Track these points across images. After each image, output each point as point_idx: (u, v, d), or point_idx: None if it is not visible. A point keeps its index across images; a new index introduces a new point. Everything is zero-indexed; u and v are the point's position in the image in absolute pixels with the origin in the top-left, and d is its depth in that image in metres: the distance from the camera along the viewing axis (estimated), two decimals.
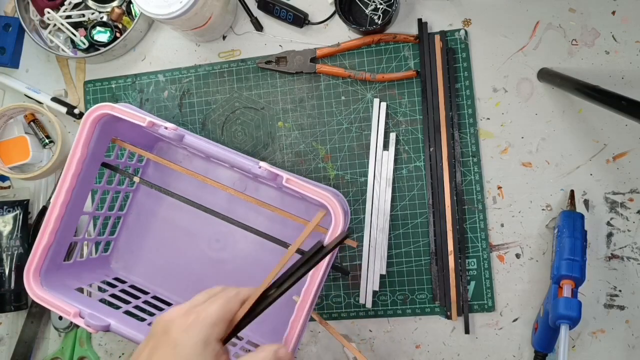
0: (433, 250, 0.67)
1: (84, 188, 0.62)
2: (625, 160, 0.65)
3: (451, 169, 0.67)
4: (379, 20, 0.69)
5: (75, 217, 0.63)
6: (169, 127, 0.56)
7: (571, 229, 0.61)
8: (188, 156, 0.72)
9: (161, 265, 0.72)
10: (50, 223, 0.59)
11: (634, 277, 0.64)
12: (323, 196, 0.54)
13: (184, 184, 0.71)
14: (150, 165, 0.73)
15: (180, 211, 0.71)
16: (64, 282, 0.62)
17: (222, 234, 0.70)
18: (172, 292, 0.71)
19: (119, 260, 0.73)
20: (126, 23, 0.75)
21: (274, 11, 0.71)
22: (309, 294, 0.53)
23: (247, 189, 0.70)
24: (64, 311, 0.57)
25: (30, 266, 0.59)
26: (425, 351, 0.68)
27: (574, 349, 0.65)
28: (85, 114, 0.59)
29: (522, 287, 0.66)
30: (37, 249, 0.59)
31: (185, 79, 0.74)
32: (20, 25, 0.75)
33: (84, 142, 0.59)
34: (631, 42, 0.65)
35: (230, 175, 0.71)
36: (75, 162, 0.59)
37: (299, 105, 0.71)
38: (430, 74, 0.68)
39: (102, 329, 0.56)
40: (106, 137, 0.62)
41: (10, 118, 0.78)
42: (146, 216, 0.73)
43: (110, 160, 0.65)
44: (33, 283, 0.59)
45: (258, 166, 0.55)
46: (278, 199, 0.69)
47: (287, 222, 0.68)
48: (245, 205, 0.70)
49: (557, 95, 0.66)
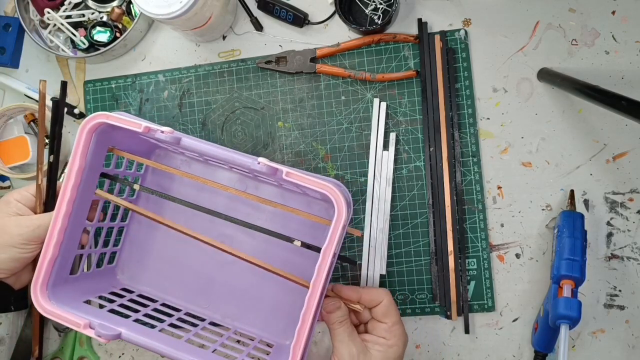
0: (433, 250, 0.67)
1: (85, 199, 0.62)
2: (625, 160, 0.65)
3: (451, 169, 0.67)
4: (379, 20, 0.69)
5: (78, 229, 0.62)
6: (165, 130, 0.56)
7: (571, 229, 0.61)
8: (186, 161, 0.72)
9: (168, 273, 0.71)
10: (54, 236, 0.58)
11: (634, 277, 0.64)
12: (324, 187, 0.54)
13: (183, 190, 0.71)
14: (149, 174, 0.73)
15: (182, 217, 0.70)
16: (72, 295, 0.62)
17: (226, 236, 0.70)
18: (181, 298, 0.71)
19: (125, 271, 0.73)
20: (126, 23, 0.75)
21: (274, 11, 0.71)
22: (317, 285, 0.53)
23: (247, 188, 0.70)
24: (74, 323, 0.56)
25: (37, 281, 0.58)
26: (425, 351, 0.68)
27: (574, 349, 0.65)
28: (80, 124, 0.58)
29: (522, 287, 0.66)
30: (43, 263, 0.59)
31: (185, 79, 0.74)
32: (20, 25, 0.75)
33: (82, 153, 0.58)
34: (631, 42, 0.65)
35: (230, 177, 0.71)
36: (75, 173, 0.59)
37: (299, 105, 0.71)
38: (430, 74, 0.68)
39: (113, 338, 0.55)
40: (103, 147, 0.62)
41: (10, 118, 0.78)
42: (148, 225, 0.72)
43: (108, 170, 0.65)
44: (41, 298, 0.58)
45: (257, 162, 0.55)
46: (279, 196, 0.69)
47: (289, 218, 0.68)
48: (246, 206, 0.70)
49: (557, 95, 0.66)
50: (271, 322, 0.68)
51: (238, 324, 0.69)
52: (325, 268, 0.53)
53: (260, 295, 0.69)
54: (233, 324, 0.69)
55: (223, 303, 0.70)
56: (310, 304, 0.53)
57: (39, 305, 0.58)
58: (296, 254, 0.68)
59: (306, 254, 0.65)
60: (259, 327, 0.69)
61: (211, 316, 0.69)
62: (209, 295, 0.70)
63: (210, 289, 0.70)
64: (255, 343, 0.65)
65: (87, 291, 0.65)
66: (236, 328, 0.68)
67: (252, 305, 0.69)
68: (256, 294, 0.69)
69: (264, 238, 0.67)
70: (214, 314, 0.70)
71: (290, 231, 0.64)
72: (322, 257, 0.53)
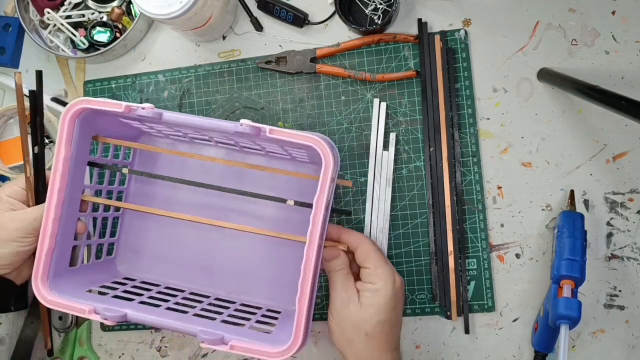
0: (433, 250, 0.67)
1: (75, 189, 0.62)
2: (625, 160, 0.65)
3: (451, 169, 0.67)
4: (379, 20, 0.69)
5: (72, 220, 0.63)
6: (146, 107, 0.56)
7: (571, 229, 0.61)
8: (172, 144, 0.72)
9: (167, 258, 0.72)
10: (49, 227, 0.59)
11: (634, 277, 0.64)
12: (309, 139, 0.54)
13: (171, 173, 0.71)
14: (137, 161, 0.73)
15: (174, 202, 0.71)
16: (73, 286, 0.62)
17: (221, 211, 0.70)
18: (184, 280, 0.71)
19: (125, 261, 0.73)
20: (126, 23, 0.75)
21: (274, 11, 0.71)
22: (314, 236, 0.53)
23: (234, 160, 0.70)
24: (78, 310, 0.56)
25: (37, 273, 0.59)
26: (425, 351, 0.68)
27: (573, 349, 0.65)
28: (62, 112, 0.58)
29: (522, 287, 0.66)
30: (40, 255, 0.59)
31: (185, 79, 0.74)
32: (20, 25, 0.75)
33: (66, 140, 0.59)
34: (631, 42, 0.65)
35: (216, 153, 0.71)
36: (62, 162, 0.59)
37: (299, 105, 0.71)
38: (430, 74, 0.68)
39: (119, 319, 0.56)
40: (88, 134, 0.62)
41: (10, 118, 0.78)
42: (141, 213, 0.72)
43: (96, 158, 0.65)
44: (42, 289, 0.58)
45: (240, 124, 0.55)
46: (266, 164, 0.70)
47: (278, 189, 0.68)
48: (234, 180, 0.70)
49: (557, 95, 0.66)
50: (276, 292, 0.69)
51: (244, 296, 0.69)
52: (319, 218, 0.53)
53: (262, 267, 0.69)
54: (239, 297, 0.69)
55: (226, 279, 0.70)
56: (309, 255, 0.53)
57: (41, 297, 0.58)
58: (289, 222, 0.69)
59: (299, 219, 0.66)
60: (264, 297, 0.69)
61: (215, 293, 0.70)
62: (211, 273, 0.71)
63: (212, 267, 0.71)
64: (263, 311, 0.65)
65: (89, 282, 0.65)
66: (242, 301, 0.68)
67: (256, 277, 0.70)
68: (258, 266, 0.69)
69: (255, 214, 0.68)
70: (218, 290, 0.70)
71: (279, 193, 0.65)
72: (315, 208, 0.53)
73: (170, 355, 0.73)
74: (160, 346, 0.74)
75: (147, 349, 0.74)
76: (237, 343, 0.54)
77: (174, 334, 0.73)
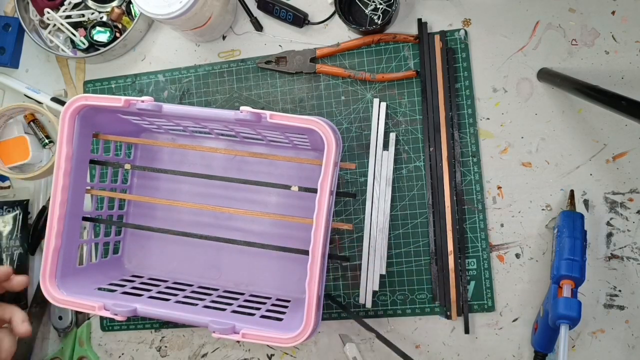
0: (433, 250, 0.67)
1: (78, 188, 0.62)
2: (625, 160, 0.65)
3: (451, 169, 0.67)
4: (379, 20, 0.69)
5: (77, 218, 0.63)
6: (145, 99, 0.56)
7: (571, 229, 0.61)
8: (172, 139, 0.73)
9: (174, 253, 0.72)
10: (54, 225, 0.59)
11: (633, 277, 0.64)
12: (310, 122, 0.54)
13: (173, 168, 0.71)
14: (138, 158, 0.74)
15: (177, 196, 0.71)
16: (82, 284, 0.62)
17: (224, 202, 0.70)
18: (192, 274, 0.71)
19: (132, 259, 0.73)
20: (126, 23, 0.75)
21: (273, 11, 0.71)
22: (320, 218, 0.53)
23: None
24: (88, 307, 0.56)
25: (45, 272, 0.59)
26: (425, 351, 0.68)
27: (573, 349, 0.65)
28: (62, 110, 0.58)
29: (522, 287, 0.66)
30: (47, 254, 0.59)
31: (185, 79, 0.74)
32: (20, 25, 0.75)
33: (67, 138, 0.59)
34: (631, 42, 0.65)
35: (217, 145, 0.71)
36: (64, 160, 0.59)
37: (299, 105, 0.71)
38: (430, 74, 0.68)
39: (129, 314, 0.56)
40: (89, 132, 0.62)
41: (10, 118, 0.78)
42: (146, 210, 0.73)
43: (97, 156, 0.65)
44: (51, 288, 0.58)
45: (240, 111, 0.55)
46: (267, 152, 0.70)
47: (279, 172, 0.69)
48: (236, 172, 0.70)
49: (557, 95, 0.66)
50: (284, 281, 0.69)
51: (252, 287, 0.70)
52: (325, 201, 0.53)
53: (269, 258, 0.70)
54: (247, 289, 0.70)
55: (234, 271, 0.70)
56: (317, 238, 0.53)
57: (50, 296, 0.58)
58: (292, 210, 0.69)
59: (302, 205, 0.67)
60: (273, 287, 0.70)
61: (224, 286, 0.70)
62: (218, 266, 0.71)
63: (219, 260, 0.71)
64: (272, 301, 0.65)
65: (97, 281, 0.65)
66: (251, 292, 0.69)
67: (263, 268, 0.70)
68: (265, 257, 0.70)
69: (258, 204, 0.69)
70: (227, 283, 0.71)
71: (282, 182, 0.66)
72: (320, 190, 0.53)
73: (170, 355, 0.73)
74: (160, 346, 0.74)
75: (147, 349, 0.74)
76: (249, 331, 0.53)
77: (174, 334, 0.73)
